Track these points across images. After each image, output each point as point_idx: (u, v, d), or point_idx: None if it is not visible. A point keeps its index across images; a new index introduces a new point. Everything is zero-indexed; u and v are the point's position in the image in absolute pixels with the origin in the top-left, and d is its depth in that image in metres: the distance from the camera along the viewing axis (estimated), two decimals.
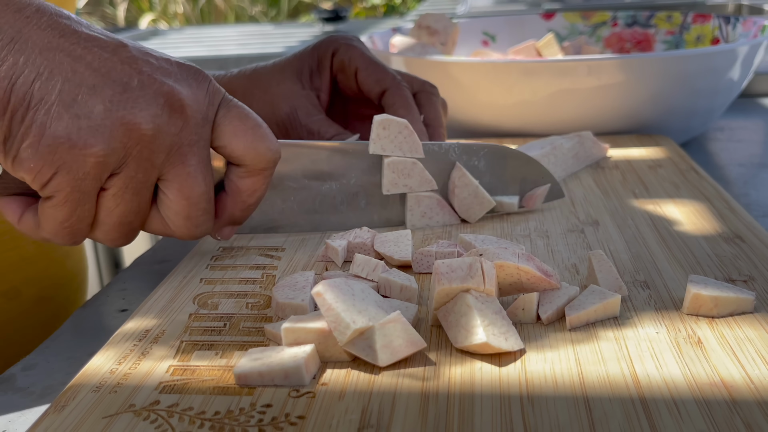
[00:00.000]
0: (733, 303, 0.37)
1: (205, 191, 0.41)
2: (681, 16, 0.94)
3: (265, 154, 0.42)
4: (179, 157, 0.40)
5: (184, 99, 0.39)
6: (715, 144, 0.79)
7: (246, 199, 0.44)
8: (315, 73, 0.59)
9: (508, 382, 0.33)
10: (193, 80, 0.40)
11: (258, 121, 0.42)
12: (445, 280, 0.36)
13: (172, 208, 0.41)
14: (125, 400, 0.33)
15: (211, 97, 0.41)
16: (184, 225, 0.42)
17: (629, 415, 0.30)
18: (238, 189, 0.43)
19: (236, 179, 0.43)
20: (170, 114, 0.39)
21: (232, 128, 0.41)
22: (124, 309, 0.50)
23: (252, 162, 0.42)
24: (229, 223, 0.45)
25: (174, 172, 0.40)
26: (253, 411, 0.32)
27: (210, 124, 0.41)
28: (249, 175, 0.43)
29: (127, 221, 0.41)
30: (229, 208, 0.44)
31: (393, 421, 0.31)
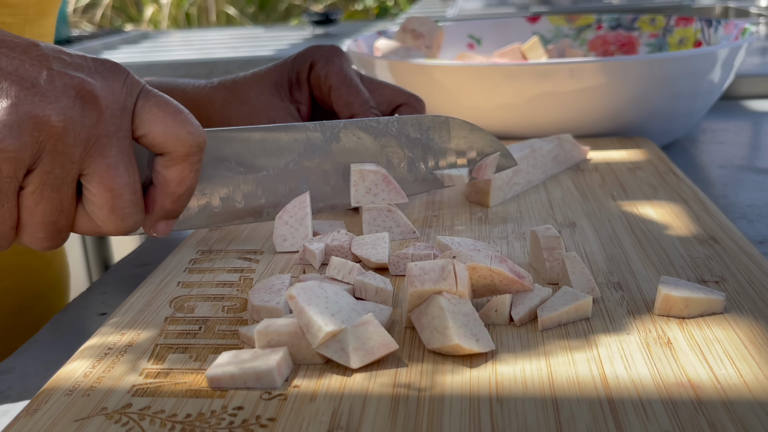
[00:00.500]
0: (703, 304, 0.37)
1: (128, 182, 0.40)
2: (664, 19, 0.94)
3: (186, 139, 0.41)
4: (98, 149, 0.39)
5: (96, 90, 0.38)
6: (696, 146, 0.79)
7: (175, 189, 0.42)
8: (294, 85, 0.58)
9: (478, 383, 0.33)
10: (108, 72, 0.40)
11: (178, 107, 0.41)
12: (417, 282, 0.36)
13: (96, 202, 0.40)
14: (97, 403, 0.33)
15: (129, 88, 0.40)
16: (109, 219, 0.41)
17: (596, 415, 0.30)
18: (165, 179, 0.42)
19: (162, 169, 0.42)
20: (83, 106, 0.38)
21: (151, 116, 0.40)
22: (104, 312, 0.50)
23: (174, 148, 0.41)
24: (162, 217, 0.44)
25: (94, 166, 0.39)
26: (224, 413, 0.32)
27: (129, 115, 0.40)
28: (174, 163, 0.42)
29: (51, 221, 0.39)
30: (159, 201, 0.43)
31: (362, 422, 0.31)
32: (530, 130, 0.72)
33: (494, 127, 0.73)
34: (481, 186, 0.55)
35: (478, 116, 0.72)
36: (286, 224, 0.48)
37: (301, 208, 0.48)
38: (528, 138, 0.72)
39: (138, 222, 0.42)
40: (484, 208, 0.55)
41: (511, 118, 0.71)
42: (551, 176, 0.61)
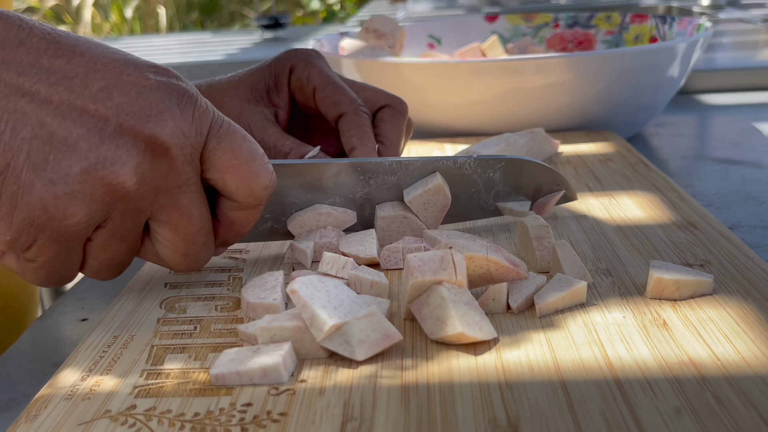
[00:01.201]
0: (693, 286, 0.38)
1: (201, 227, 0.39)
2: (620, 17, 0.96)
3: (259, 192, 0.39)
4: (169, 198, 0.37)
5: (167, 141, 0.36)
6: (657, 139, 0.81)
7: (240, 230, 0.41)
8: (273, 89, 0.57)
9: (485, 370, 0.34)
10: (176, 107, 0.36)
11: (252, 152, 0.39)
12: (417, 273, 0.36)
13: (169, 247, 0.39)
14: (100, 406, 0.33)
15: (199, 125, 0.37)
16: (182, 262, 0.39)
17: (605, 395, 0.31)
18: (230, 221, 0.41)
19: (228, 212, 0.40)
20: (152, 159, 0.35)
21: (224, 163, 0.38)
22: (85, 318, 0.49)
23: (245, 200, 0.39)
24: (219, 245, 0.42)
25: (166, 215, 0.37)
26: (234, 410, 0.32)
27: (198, 156, 0.38)
28: (241, 209, 0.40)
29: (116, 263, 0.39)
30: (222, 236, 0.42)
31: (376, 413, 0.31)
32: (500, 126, 0.73)
33: (465, 124, 0.73)
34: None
35: (447, 113, 0.73)
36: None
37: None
38: (498, 134, 0.73)
39: (209, 259, 0.41)
40: None
41: (480, 115, 0.72)
42: None
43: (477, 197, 0.49)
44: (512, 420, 0.30)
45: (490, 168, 0.48)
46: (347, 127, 0.54)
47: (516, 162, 0.49)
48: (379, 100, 0.57)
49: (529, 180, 0.49)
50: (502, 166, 0.48)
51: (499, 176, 0.49)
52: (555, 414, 0.30)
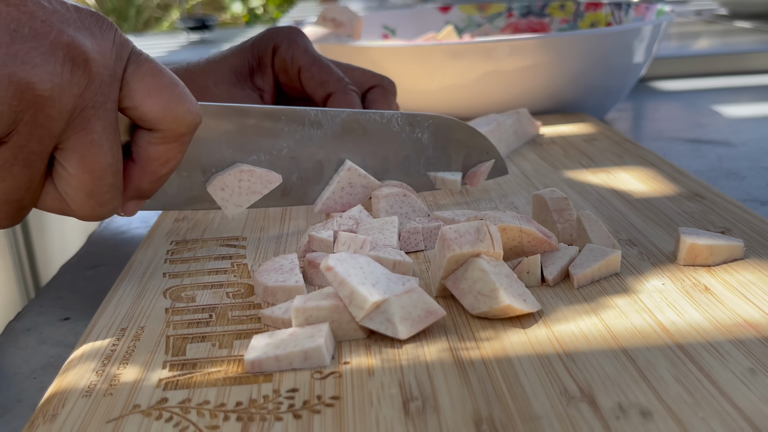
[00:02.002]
0: (726, 250, 0.38)
1: (111, 163, 0.35)
2: (574, 5, 0.97)
3: (184, 118, 0.36)
4: (82, 122, 0.34)
5: (88, 52, 0.33)
6: (623, 123, 0.82)
7: (157, 169, 0.37)
8: (256, 72, 0.54)
9: (539, 342, 0.32)
10: (96, 28, 0.34)
11: (174, 78, 0.36)
12: (455, 246, 0.34)
13: (72, 183, 0.34)
14: (126, 401, 0.29)
15: (119, 50, 0.35)
16: (86, 203, 0.35)
17: (673, 360, 0.30)
18: (148, 157, 0.37)
19: (147, 146, 0.37)
20: (72, 71, 0.32)
21: (144, 86, 0.35)
22: (67, 317, 0.45)
23: (168, 126, 0.36)
24: (134, 196, 0.38)
25: (75, 141, 0.34)
26: (279, 397, 0.29)
27: (118, 82, 0.35)
28: (163, 142, 0.36)
29: (16, 198, 0.34)
30: (136, 180, 0.37)
31: (437, 390, 0.29)
32: (475, 111, 0.71)
33: (441, 109, 0.72)
34: None
35: (423, 99, 0.71)
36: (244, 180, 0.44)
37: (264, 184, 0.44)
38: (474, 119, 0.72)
39: (115, 208, 0.37)
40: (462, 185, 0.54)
41: (456, 100, 0.71)
42: (513, 151, 0.61)
43: (408, 163, 0.48)
44: (585, 390, 0.28)
45: (418, 127, 0.48)
46: (336, 107, 0.52)
47: (443, 122, 0.48)
48: (367, 80, 0.55)
49: (458, 145, 0.49)
50: (429, 125, 0.48)
51: (427, 137, 0.48)
52: (628, 382, 0.28)
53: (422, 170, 0.49)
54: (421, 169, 0.49)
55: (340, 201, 0.46)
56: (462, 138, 0.49)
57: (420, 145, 0.48)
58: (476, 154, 0.50)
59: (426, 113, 0.48)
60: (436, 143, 0.48)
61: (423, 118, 0.48)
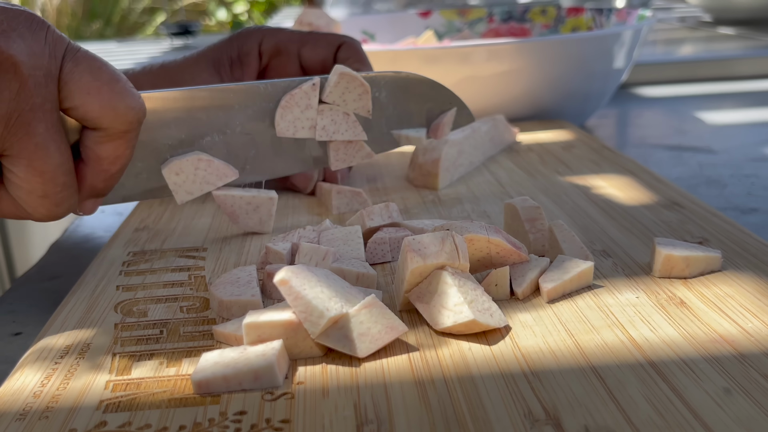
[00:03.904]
0: (703, 262, 0.36)
1: (60, 162, 0.34)
2: (555, 10, 0.96)
3: (126, 114, 0.35)
4: (22, 126, 0.33)
5: (15, 55, 0.32)
6: (603, 129, 0.80)
7: (108, 168, 0.37)
8: (236, 63, 0.53)
9: (504, 359, 0.30)
10: (25, 29, 0.33)
11: (115, 73, 0.35)
12: (418, 258, 0.33)
13: (24, 187, 0.34)
14: (62, 425, 0.27)
15: (53, 48, 0.34)
16: (41, 205, 0.35)
17: (644, 379, 0.28)
18: (97, 156, 0.36)
19: (94, 146, 0.36)
20: (1, 76, 0.32)
21: (83, 85, 0.34)
22: (18, 332, 0.43)
23: (111, 124, 0.35)
24: (90, 195, 0.38)
25: (19, 146, 0.33)
26: (225, 420, 0.27)
27: (55, 82, 0.34)
28: (109, 140, 0.36)
29: None
30: (90, 179, 0.37)
31: (393, 412, 0.27)
32: None
33: None
34: (428, 168, 0.52)
35: None
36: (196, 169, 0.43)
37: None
38: None
39: (72, 206, 0.36)
40: (433, 191, 0.52)
41: None
42: (488, 158, 0.59)
43: (368, 124, 0.47)
44: (550, 412, 0.26)
45: (374, 86, 0.46)
46: (348, 54, 0.52)
47: (401, 79, 0.47)
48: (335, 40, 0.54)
49: (419, 100, 0.48)
50: (387, 83, 0.47)
51: (386, 95, 0.47)
52: (596, 403, 0.27)
53: (384, 129, 0.47)
54: (383, 128, 0.47)
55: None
56: (422, 92, 0.48)
57: (379, 104, 0.47)
58: (438, 106, 0.48)
59: (383, 72, 0.47)
60: (396, 101, 0.47)
61: (379, 77, 0.47)
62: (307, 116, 0.45)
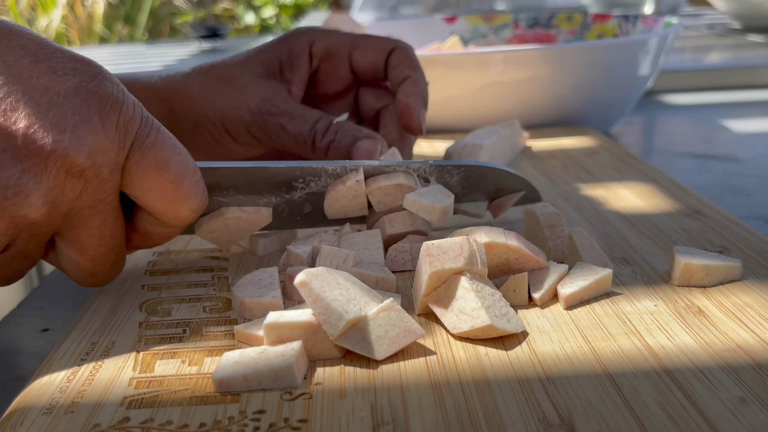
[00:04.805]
0: (722, 271, 0.36)
1: (113, 248, 0.35)
2: (581, 16, 0.95)
3: (185, 216, 0.35)
4: (80, 219, 0.33)
5: (83, 163, 0.31)
6: (628, 137, 0.80)
7: (156, 242, 0.38)
8: (286, 65, 0.52)
9: (521, 365, 0.30)
10: (96, 116, 0.32)
11: (181, 168, 0.34)
12: (437, 263, 0.33)
13: (73, 265, 0.35)
14: (87, 419, 0.28)
15: (123, 137, 0.33)
16: (88, 280, 0.36)
17: (659, 387, 0.28)
18: (148, 233, 0.37)
19: (148, 226, 0.36)
20: (66, 181, 0.31)
21: (147, 181, 0.34)
22: (46, 329, 0.44)
23: (168, 221, 0.36)
24: (132, 249, 0.39)
25: (73, 234, 0.33)
26: (245, 419, 0.28)
27: (119, 172, 0.33)
28: (163, 227, 0.36)
29: (17, 276, 0.35)
30: (136, 243, 0.38)
31: (409, 415, 0.27)
32: (475, 123, 0.70)
33: (441, 121, 0.71)
34: None
35: None
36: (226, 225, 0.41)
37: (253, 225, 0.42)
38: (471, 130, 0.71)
39: (115, 277, 0.37)
40: None
41: (456, 111, 0.70)
42: (508, 161, 0.59)
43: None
44: (564, 418, 0.27)
45: (447, 174, 0.44)
46: (400, 59, 0.52)
47: (477, 169, 0.44)
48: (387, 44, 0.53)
49: (490, 185, 0.45)
50: (460, 172, 0.44)
51: (456, 181, 0.44)
52: (610, 409, 0.27)
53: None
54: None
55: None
56: (494, 179, 0.45)
57: (449, 187, 0.44)
58: (507, 187, 0.45)
59: (459, 162, 0.44)
60: (466, 184, 0.44)
61: (453, 168, 0.43)
62: (356, 203, 0.43)
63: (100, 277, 0.36)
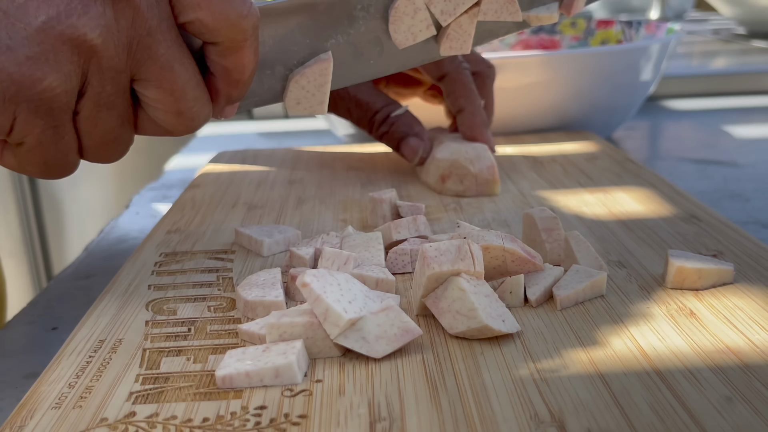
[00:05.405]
0: (715, 274, 0.37)
1: (187, 79, 0.36)
2: (585, 22, 0.96)
3: (239, 23, 0.35)
4: (144, 50, 0.34)
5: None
6: (630, 142, 0.81)
7: (238, 77, 0.38)
8: None
9: (515, 364, 0.31)
10: None
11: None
12: (435, 264, 0.34)
13: (160, 108, 0.36)
14: (94, 414, 0.29)
15: None
16: (178, 122, 0.37)
17: (649, 387, 0.29)
18: (224, 68, 0.37)
19: (218, 59, 0.37)
20: (114, 8, 0.33)
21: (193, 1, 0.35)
22: (55, 327, 0.45)
23: (227, 35, 0.36)
24: (227, 103, 0.39)
25: (145, 70, 0.35)
26: (247, 414, 0.29)
27: (166, 1, 0.35)
28: (231, 52, 0.36)
29: (113, 137, 0.36)
30: (223, 90, 0.38)
31: (405, 411, 0.28)
32: None
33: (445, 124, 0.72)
34: (486, 176, 0.53)
35: (428, 114, 0.71)
36: (302, 89, 0.42)
37: (322, 74, 0.42)
38: None
39: (208, 115, 0.38)
40: (456, 198, 0.53)
41: None
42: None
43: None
44: (556, 415, 0.28)
45: None
46: (452, 87, 0.55)
47: None
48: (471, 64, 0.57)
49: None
50: None
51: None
52: (600, 407, 0.28)
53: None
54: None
55: None
56: None
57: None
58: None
59: None
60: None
61: None
62: (420, 19, 0.43)
63: (188, 115, 0.36)
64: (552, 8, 0.44)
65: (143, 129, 0.38)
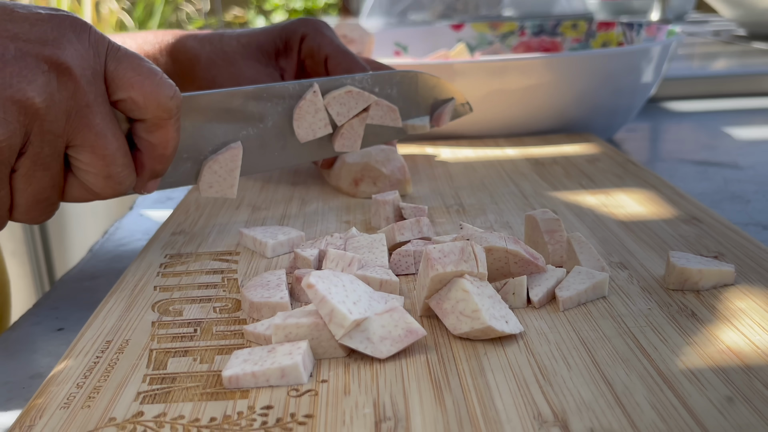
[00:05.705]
0: (716, 275, 0.37)
1: (118, 146, 0.40)
2: (586, 24, 0.97)
3: (166, 103, 0.40)
4: (81, 119, 0.38)
5: (67, 60, 0.37)
6: (631, 143, 0.81)
7: (162, 152, 0.42)
8: (281, 52, 0.58)
9: (518, 364, 0.32)
10: (71, 33, 0.38)
11: (152, 67, 0.40)
12: (438, 266, 0.34)
13: (91, 171, 0.40)
14: (102, 414, 0.30)
15: (96, 48, 0.39)
16: (106, 185, 0.40)
17: (651, 387, 0.29)
18: (150, 144, 0.41)
19: (145, 135, 0.41)
20: (58, 80, 0.37)
21: (127, 80, 0.39)
22: (60, 328, 0.46)
23: (155, 113, 0.40)
24: (151, 177, 0.43)
25: (82, 137, 0.38)
26: (253, 414, 0.29)
27: (102, 78, 0.39)
28: (156, 128, 0.41)
29: (44, 197, 0.39)
30: (147, 164, 0.42)
31: (410, 411, 0.29)
32: (480, 130, 0.71)
33: (446, 128, 0.72)
34: (398, 177, 0.55)
35: None
36: (214, 173, 0.47)
37: (233, 160, 0.47)
38: (480, 137, 0.72)
39: (132, 183, 0.42)
40: (458, 200, 0.54)
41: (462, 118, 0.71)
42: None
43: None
44: (559, 415, 0.28)
45: (387, 84, 0.52)
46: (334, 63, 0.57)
47: (409, 77, 0.53)
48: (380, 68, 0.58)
49: (425, 93, 0.54)
50: (397, 81, 0.53)
51: (396, 92, 0.53)
52: (603, 407, 0.28)
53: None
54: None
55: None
56: (427, 86, 0.55)
57: (391, 100, 0.53)
58: (440, 98, 0.56)
59: (391, 70, 0.54)
60: (405, 96, 0.54)
61: (390, 76, 0.53)
62: (320, 118, 0.50)
63: (116, 179, 0.40)
64: (424, 120, 0.55)
65: (70, 194, 0.41)
